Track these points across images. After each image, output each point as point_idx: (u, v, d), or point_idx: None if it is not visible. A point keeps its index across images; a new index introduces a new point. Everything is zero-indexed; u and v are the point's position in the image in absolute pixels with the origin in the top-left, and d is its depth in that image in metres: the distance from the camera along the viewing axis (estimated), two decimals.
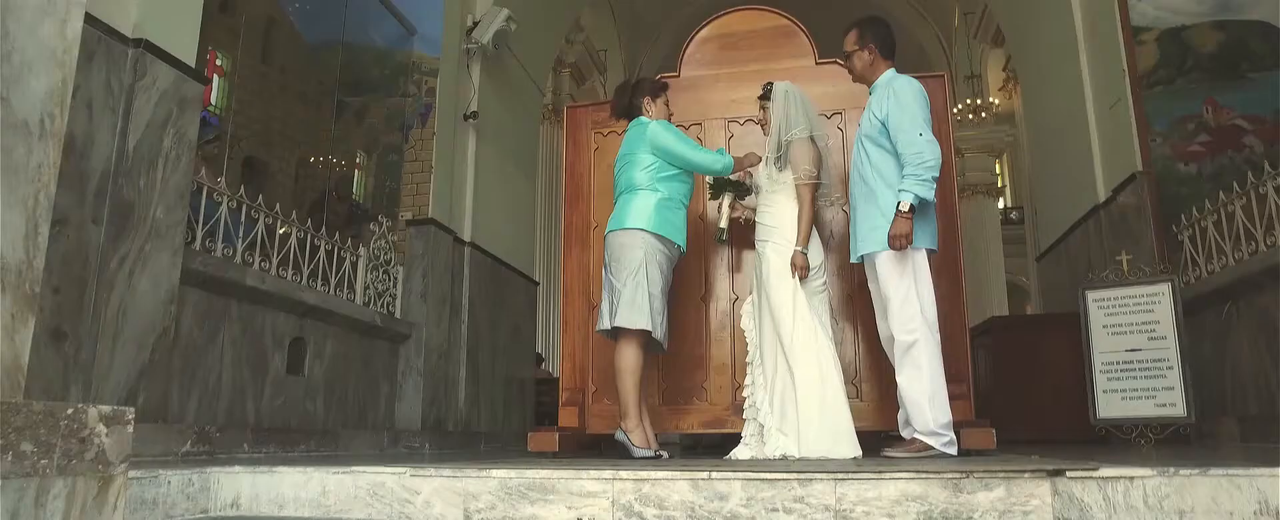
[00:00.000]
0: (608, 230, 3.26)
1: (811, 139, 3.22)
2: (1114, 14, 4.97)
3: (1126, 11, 4.85)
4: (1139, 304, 3.85)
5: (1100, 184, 5.41)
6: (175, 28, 3.35)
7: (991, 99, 15.37)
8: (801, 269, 3.07)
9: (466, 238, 6.28)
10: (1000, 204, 19.77)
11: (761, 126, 3.39)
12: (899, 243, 2.80)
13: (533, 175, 7.99)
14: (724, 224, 3.46)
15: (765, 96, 3.34)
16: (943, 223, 3.02)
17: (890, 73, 3.09)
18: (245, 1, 5.37)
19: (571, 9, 8.64)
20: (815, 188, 3.16)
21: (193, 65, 3.46)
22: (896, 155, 2.89)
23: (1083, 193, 5.67)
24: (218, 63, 5.89)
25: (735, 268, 3.76)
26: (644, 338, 3.10)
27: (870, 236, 2.92)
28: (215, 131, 4.43)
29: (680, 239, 3.26)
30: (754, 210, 3.37)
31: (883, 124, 2.93)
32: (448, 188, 6.02)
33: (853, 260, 3.04)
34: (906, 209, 2.79)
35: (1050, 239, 6.67)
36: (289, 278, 4.37)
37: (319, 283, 4.69)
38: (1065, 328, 5.32)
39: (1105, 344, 3.92)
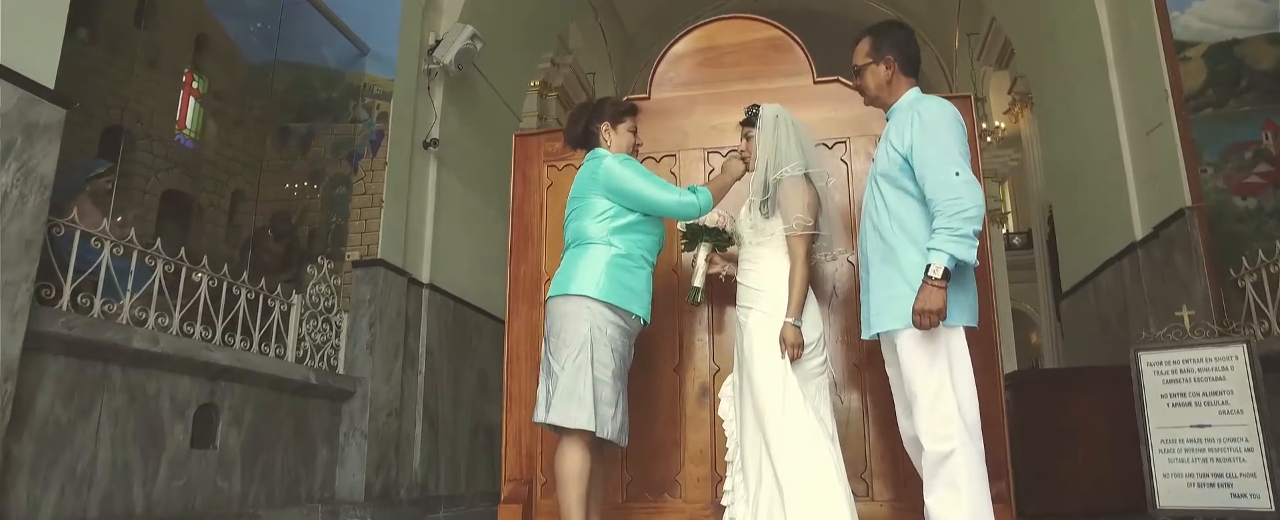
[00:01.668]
0: (548, 294, 2.60)
1: (807, 177, 2.57)
2: (1152, 28, 4.36)
3: (1168, 25, 4.24)
4: (1206, 370, 3.19)
5: (1136, 219, 4.79)
6: (22, 37, 2.71)
7: (997, 123, 14.85)
8: (793, 346, 2.41)
9: (424, 279, 5.64)
10: (1003, 230, 19.18)
11: (744, 160, 2.74)
12: (928, 320, 2.11)
13: (505, 207, 7.33)
14: (699, 282, 2.80)
15: (749, 122, 2.69)
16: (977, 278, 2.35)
17: (913, 93, 2.41)
18: (169, 14, 4.76)
19: (551, 27, 8.08)
20: (811, 239, 2.51)
21: (51, 85, 2.82)
22: (923, 200, 2.22)
23: (1115, 228, 5.04)
24: (195, 85, 5.45)
25: (716, 327, 3.10)
26: (591, 435, 2.43)
27: (888, 309, 2.23)
28: (106, 164, 3.80)
29: (640, 308, 2.59)
30: (736, 264, 2.71)
31: (905, 159, 2.24)
32: (401, 224, 5.38)
33: (865, 337, 2.36)
34: (939, 275, 2.10)
35: (1073, 277, 6.02)
36: (197, 334, 3.72)
37: (238, 338, 4.03)
38: (1098, 384, 4.70)
39: (1165, 417, 3.25)
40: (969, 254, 2.13)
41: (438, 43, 5.83)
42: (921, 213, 2.24)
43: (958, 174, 2.16)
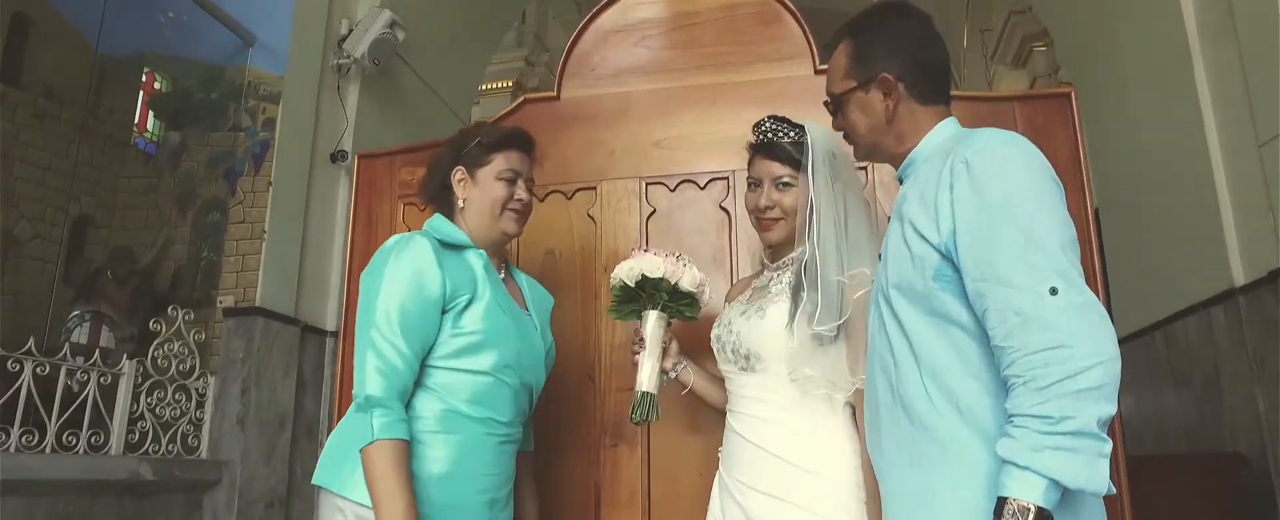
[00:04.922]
0: None
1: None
2: (1268, 2, 3.26)
3: None
4: None
5: (1236, 258, 3.70)
6: None
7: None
8: None
9: (330, 327, 4.51)
10: None
11: (764, 232, 1.49)
12: None
13: None
14: (649, 385, 1.67)
15: (772, 150, 1.47)
16: None
17: (947, 127, 1.28)
18: None
19: (505, 17, 6.98)
20: None
21: None
22: (986, 343, 1.09)
23: (1200, 267, 3.95)
24: (156, 85, 4.70)
25: (650, 469, 1.96)
26: None
27: None
28: None
29: None
30: (711, 381, 1.56)
31: (944, 256, 1.13)
32: (292, 260, 4.25)
33: None
34: (1030, 518, 0.99)
35: (1132, 321, 4.89)
36: None
37: (16, 431, 2.92)
38: (1191, 475, 3.64)
39: None
40: (1091, 476, 1.00)
41: (350, 31, 4.73)
42: (984, 368, 1.09)
43: (1055, 291, 1.02)
